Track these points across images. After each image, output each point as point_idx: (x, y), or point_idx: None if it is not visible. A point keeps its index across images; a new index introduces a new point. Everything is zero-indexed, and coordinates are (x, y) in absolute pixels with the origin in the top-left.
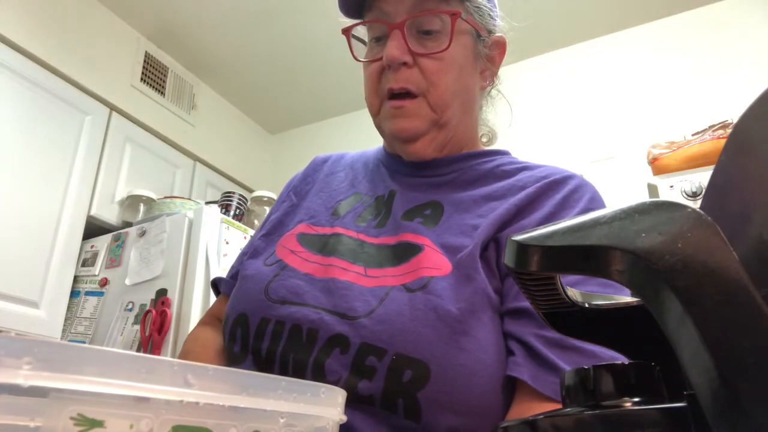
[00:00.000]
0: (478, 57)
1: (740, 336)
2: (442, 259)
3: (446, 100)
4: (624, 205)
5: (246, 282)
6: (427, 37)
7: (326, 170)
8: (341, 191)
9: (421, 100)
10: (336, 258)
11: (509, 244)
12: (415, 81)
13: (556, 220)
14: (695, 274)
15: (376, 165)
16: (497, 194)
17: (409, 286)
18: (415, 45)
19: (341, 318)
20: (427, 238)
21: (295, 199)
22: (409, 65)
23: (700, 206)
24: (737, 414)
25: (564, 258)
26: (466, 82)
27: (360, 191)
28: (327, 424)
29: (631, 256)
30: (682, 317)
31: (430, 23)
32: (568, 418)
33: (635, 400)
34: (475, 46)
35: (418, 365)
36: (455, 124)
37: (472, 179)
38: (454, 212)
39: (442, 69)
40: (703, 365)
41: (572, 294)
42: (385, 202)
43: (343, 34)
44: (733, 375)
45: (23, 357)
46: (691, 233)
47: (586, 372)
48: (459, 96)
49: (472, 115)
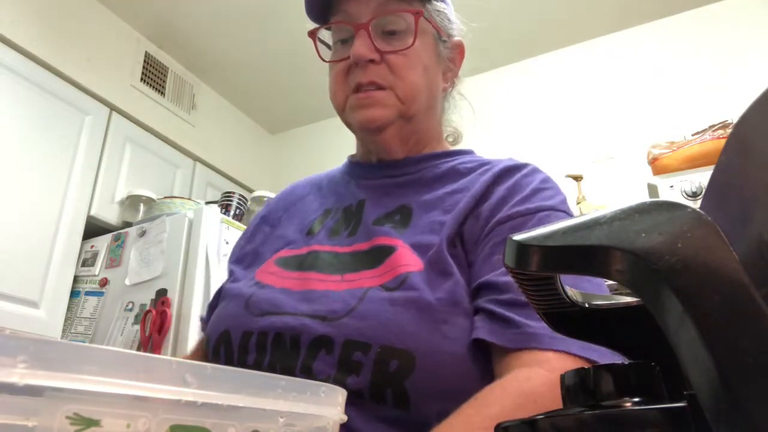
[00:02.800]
0: (440, 58)
1: (740, 336)
2: (415, 257)
3: (413, 93)
4: (624, 205)
5: (226, 302)
6: (392, 37)
7: (295, 197)
8: (312, 211)
9: (389, 92)
10: (313, 272)
11: (509, 244)
12: (383, 76)
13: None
14: (695, 274)
15: (342, 178)
16: (460, 189)
17: (387, 285)
18: (381, 43)
19: (322, 320)
20: (399, 239)
21: (268, 228)
22: (377, 62)
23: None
24: (737, 414)
25: (564, 258)
26: (430, 80)
27: (329, 206)
28: (327, 424)
29: (631, 256)
30: (682, 317)
31: (394, 23)
32: (568, 418)
33: (635, 400)
34: (437, 47)
35: (404, 355)
36: (420, 120)
37: (437, 177)
38: (422, 212)
39: (409, 64)
40: (703, 365)
41: (572, 294)
42: (355, 211)
43: (309, 36)
44: (733, 375)
45: (18, 356)
46: (691, 233)
47: (586, 372)
48: (424, 92)
49: (435, 113)
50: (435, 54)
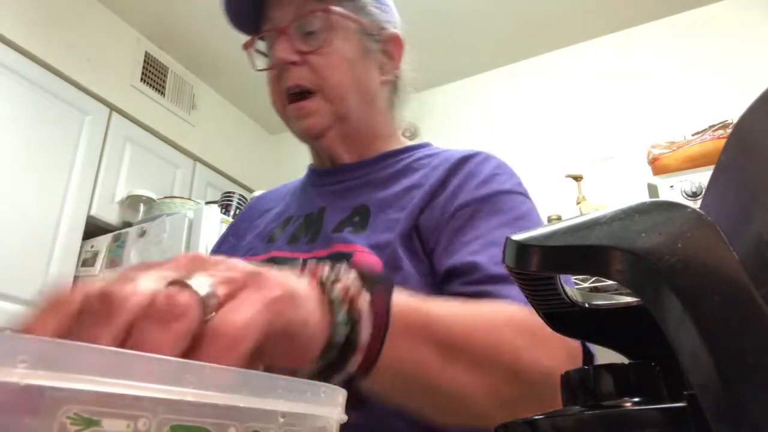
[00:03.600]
0: (369, 52)
1: (740, 336)
2: (373, 259)
3: (341, 92)
4: (624, 205)
5: None
6: (311, 37)
7: (261, 207)
8: (274, 220)
9: (317, 97)
10: None
11: (509, 244)
12: (306, 77)
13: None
14: (695, 274)
15: (304, 186)
16: (416, 184)
17: None
18: (301, 45)
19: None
20: (357, 244)
21: (234, 240)
22: (299, 64)
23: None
24: (737, 414)
25: (564, 258)
26: (359, 76)
27: (291, 214)
28: (327, 424)
29: (631, 256)
30: (682, 317)
31: (311, 24)
32: (568, 418)
33: (635, 400)
34: (363, 41)
35: None
36: (358, 117)
37: (392, 175)
38: (380, 211)
39: (330, 63)
40: (703, 365)
41: (572, 294)
42: (315, 218)
43: (244, 49)
44: (733, 375)
45: (18, 355)
46: (691, 233)
47: (586, 372)
48: (353, 88)
49: (375, 109)
50: (361, 49)
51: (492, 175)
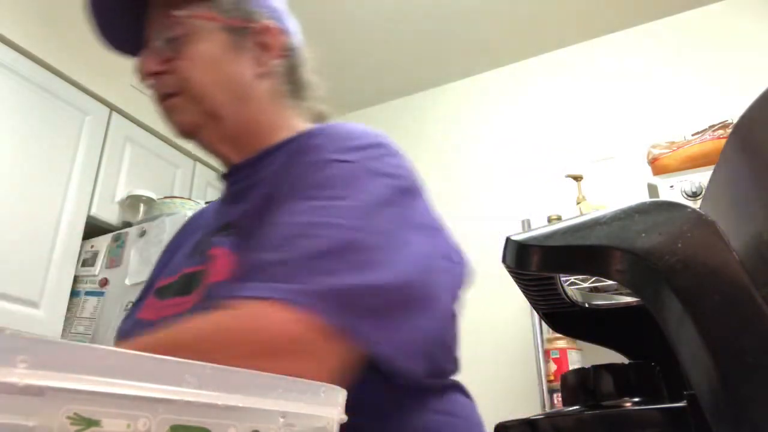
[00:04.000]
0: (239, 47)
1: (740, 336)
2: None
3: (204, 91)
4: (624, 205)
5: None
6: (174, 44)
7: (193, 224)
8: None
9: (182, 97)
10: (174, 298)
11: (509, 244)
12: (171, 84)
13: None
14: (695, 274)
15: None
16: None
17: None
18: (165, 53)
19: None
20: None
21: (169, 255)
22: (164, 73)
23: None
24: (737, 414)
25: (564, 258)
26: (225, 73)
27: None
28: (327, 424)
29: (631, 256)
30: (682, 317)
31: (169, 31)
32: (568, 418)
33: (635, 400)
34: (231, 38)
35: None
36: (231, 114)
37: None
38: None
39: (191, 66)
40: (703, 365)
41: (572, 294)
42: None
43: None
44: (733, 375)
45: (18, 356)
46: (691, 233)
47: (586, 372)
48: (219, 86)
49: (250, 103)
50: (228, 46)
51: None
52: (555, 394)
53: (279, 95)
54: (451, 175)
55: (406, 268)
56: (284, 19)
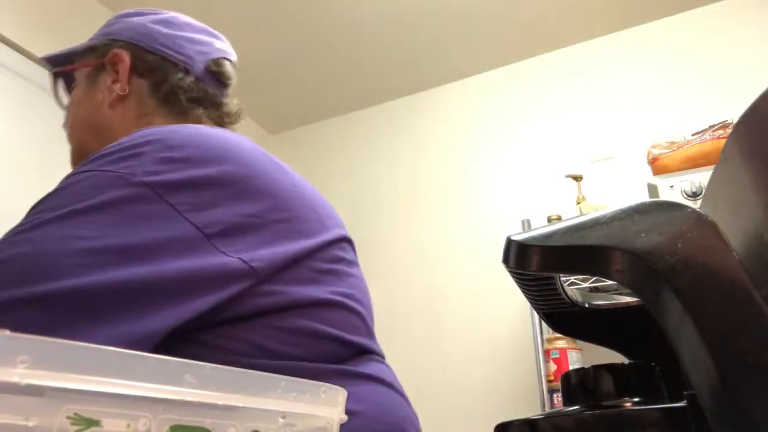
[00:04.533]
0: (94, 82)
1: (740, 336)
2: None
3: (73, 136)
4: (624, 205)
5: None
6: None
7: None
8: None
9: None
10: None
11: (509, 244)
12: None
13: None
14: (695, 274)
15: None
16: None
17: None
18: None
19: None
20: None
21: None
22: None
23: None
24: (737, 414)
25: (564, 258)
26: (84, 111)
27: None
28: (327, 424)
29: (631, 256)
30: (682, 317)
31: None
32: (568, 418)
33: (635, 400)
34: (90, 77)
35: None
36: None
37: None
38: None
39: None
40: (703, 365)
41: (572, 294)
42: None
43: None
44: (733, 375)
45: (19, 355)
46: (691, 233)
47: (586, 372)
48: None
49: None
50: (86, 85)
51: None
52: (555, 394)
53: (145, 114)
54: (452, 175)
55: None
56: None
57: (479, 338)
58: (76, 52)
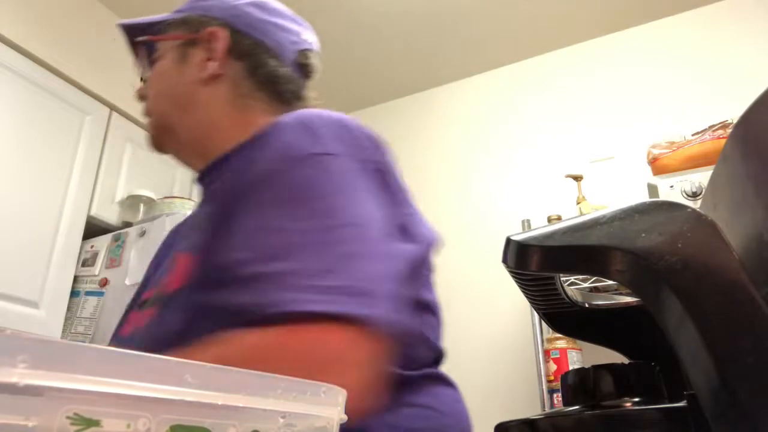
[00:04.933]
0: (185, 58)
1: (740, 336)
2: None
3: (155, 105)
4: (624, 205)
5: None
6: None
7: (174, 235)
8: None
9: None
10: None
11: (509, 244)
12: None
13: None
14: (695, 274)
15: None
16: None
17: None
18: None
19: None
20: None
21: (150, 272)
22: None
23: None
24: (737, 414)
25: (564, 258)
26: (169, 84)
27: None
28: (327, 424)
29: (631, 256)
30: (682, 317)
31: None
32: (568, 418)
33: (635, 400)
34: (181, 50)
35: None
36: (179, 122)
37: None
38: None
39: (151, 86)
40: (703, 365)
41: (572, 294)
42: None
43: None
44: (733, 375)
45: (18, 356)
46: (691, 233)
47: (586, 372)
48: (165, 98)
49: (198, 109)
50: (175, 60)
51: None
52: (555, 394)
53: (241, 96)
54: (452, 175)
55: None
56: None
57: (479, 338)
58: (164, 22)
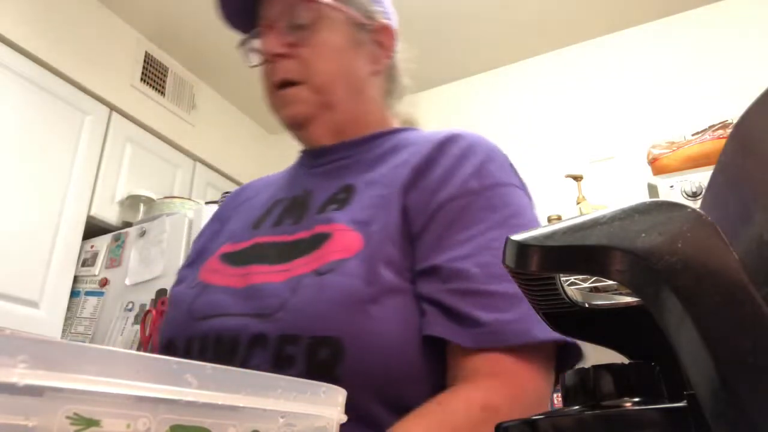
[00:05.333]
0: (359, 43)
1: (740, 336)
2: (353, 238)
3: (327, 82)
4: (624, 205)
5: (170, 309)
6: (300, 30)
7: (247, 194)
8: (260, 206)
9: (302, 87)
10: (254, 265)
11: (509, 244)
12: (294, 70)
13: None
14: (695, 274)
15: (294, 170)
16: (400, 163)
17: (318, 270)
18: (290, 38)
19: (259, 318)
20: (337, 223)
21: (219, 225)
22: (287, 56)
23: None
24: (737, 414)
25: (564, 258)
26: (347, 66)
27: (279, 197)
28: (327, 424)
29: (631, 256)
30: (682, 317)
31: (300, 16)
32: (568, 418)
33: (635, 400)
34: (353, 32)
35: (332, 342)
36: (346, 107)
37: (379, 155)
38: (365, 189)
39: (318, 54)
40: (703, 365)
41: (572, 294)
42: (301, 200)
43: (239, 47)
44: (733, 375)
45: (18, 356)
46: (691, 233)
47: (586, 372)
48: (341, 78)
49: (363, 98)
50: (351, 39)
51: (484, 162)
52: (555, 394)
53: (383, 94)
54: None
55: None
56: (395, 21)
57: None
58: None
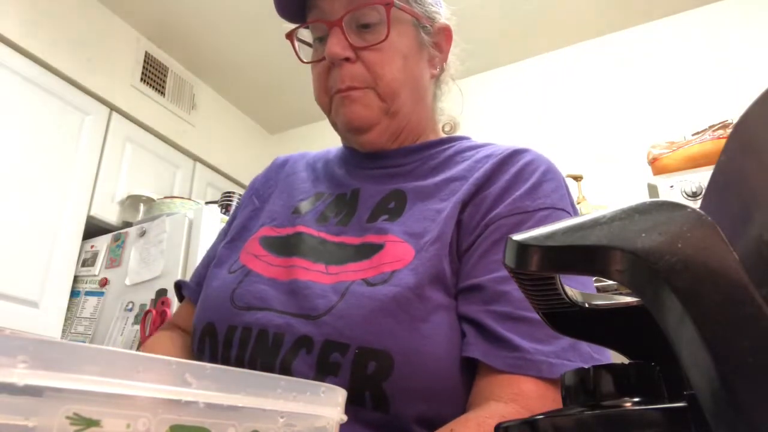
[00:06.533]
0: (422, 45)
1: (740, 336)
2: (405, 250)
3: (394, 88)
4: (624, 205)
5: (211, 291)
6: (367, 31)
7: (287, 171)
8: (302, 191)
9: (367, 91)
10: (298, 258)
11: (509, 244)
12: (359, 76)
13: (511, 195)
14: (695, 274)
15: (337, 163)
16: (458, 176)
17: (369, 280)
18: (355, 39)
19: (305, 319)
20: (390, 234)
21: (258, 202)
22: (352, 60)
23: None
24: (737, 414)
25: (564, 258)
26: (413, 71)
27: (321, 190)
28: (327, 424)
29: (631, 256)
30: (682, 317)
31: (367, 16)
32: (568, 418)
33: (635, 400)
34: (418, 34)
35: (381, 356)
36: (407, 113)
37: (433, 166)
38: (417, 200)
39: (385, 59)
40: (703, 365)
41: (572, 294)
42: (348, 200)
43: (287, 38)
44: (733, 375)
45: (18, 356)
46: (691, 233)
47: (586, 372)
48: (407, 84)
49: (424, 104)
50: (416, 42)
51: (539, 184)
52: None
53: (433, 98)
54: None
55: None
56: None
57: None
58: None
